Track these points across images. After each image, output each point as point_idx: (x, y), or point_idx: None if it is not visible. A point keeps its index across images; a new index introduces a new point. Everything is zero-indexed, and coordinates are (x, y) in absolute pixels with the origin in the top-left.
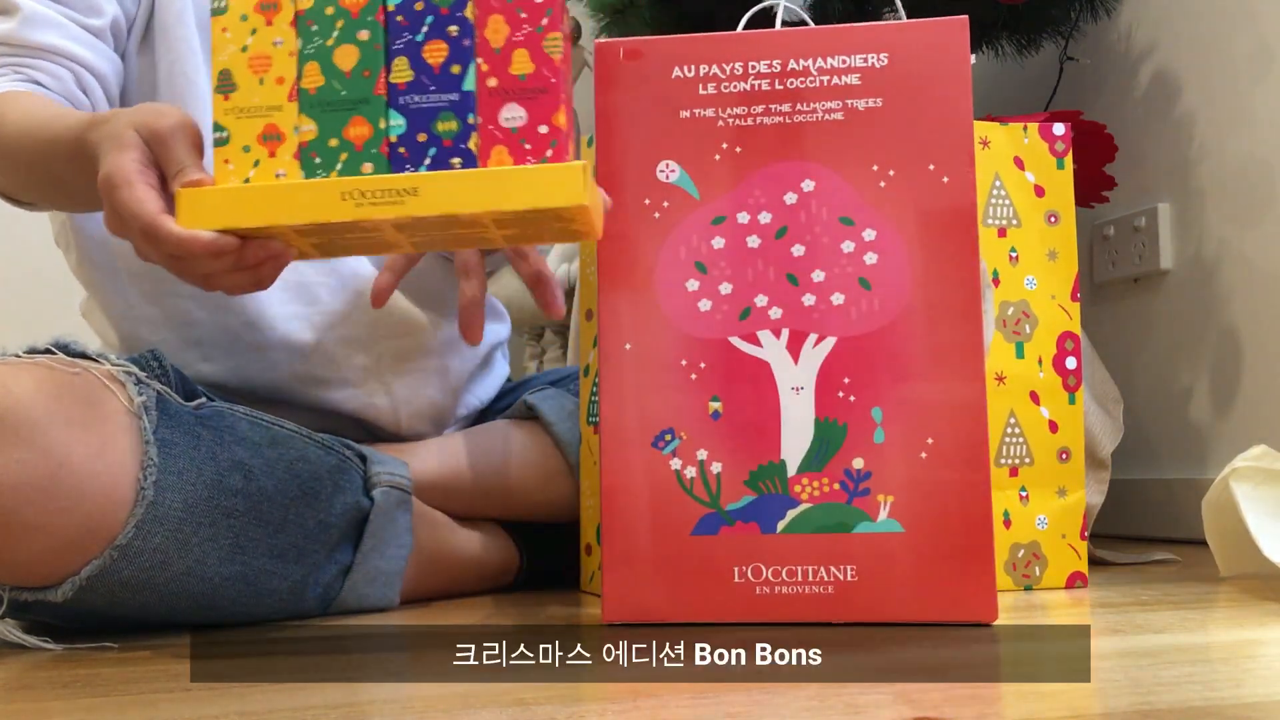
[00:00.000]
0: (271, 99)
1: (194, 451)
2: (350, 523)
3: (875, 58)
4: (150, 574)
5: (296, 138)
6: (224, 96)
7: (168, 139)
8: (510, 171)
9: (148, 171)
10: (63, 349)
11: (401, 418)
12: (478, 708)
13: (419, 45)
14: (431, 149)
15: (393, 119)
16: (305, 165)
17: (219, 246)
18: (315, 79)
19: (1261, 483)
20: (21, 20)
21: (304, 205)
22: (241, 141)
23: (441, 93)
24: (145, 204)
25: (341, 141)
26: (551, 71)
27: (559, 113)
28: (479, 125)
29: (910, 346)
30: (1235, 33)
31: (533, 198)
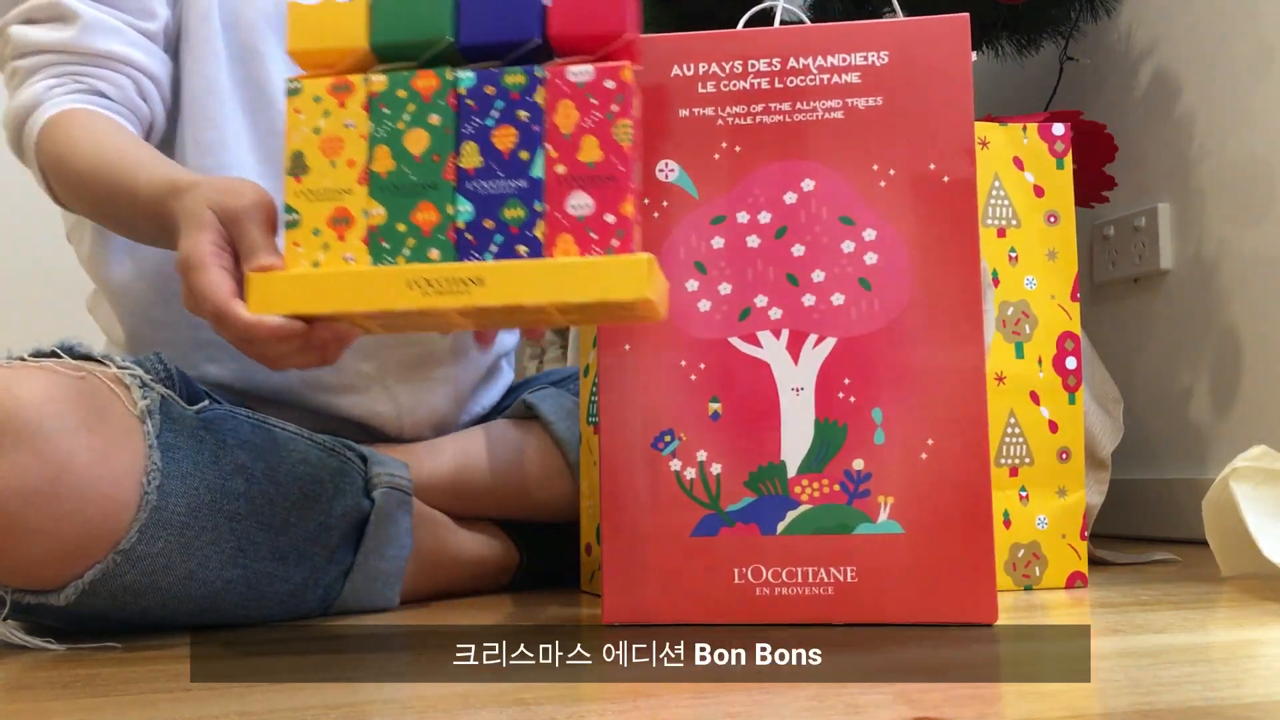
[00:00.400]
0: (342, 182)
1: (197, 455)
2: (351, 524)
3: (875, 56)
4: (153, 578)
5: (365, 222)
6: (296, 179)
7: (242, 219)
8: (576, 263)
9: (222, 254)
10: (68, 351)
11: (405, 424)
12: (478, 708)
13: (488, 130)
14: (498, 236)
15: (460, 205)
16: (373, 250)
17: (286, 331)
18: (386, 162)
19: (1261, 483)
20: (81, 28)
21: (371, 293)
22: (312, 225)
23: (510, 179)
24: (218, 289)
25: (409, 227)
26: (620, 159)
27: (626, 202)
28: (546, 213)
29: (910, 346)
30: (1235, 33)
31: (597, 290)
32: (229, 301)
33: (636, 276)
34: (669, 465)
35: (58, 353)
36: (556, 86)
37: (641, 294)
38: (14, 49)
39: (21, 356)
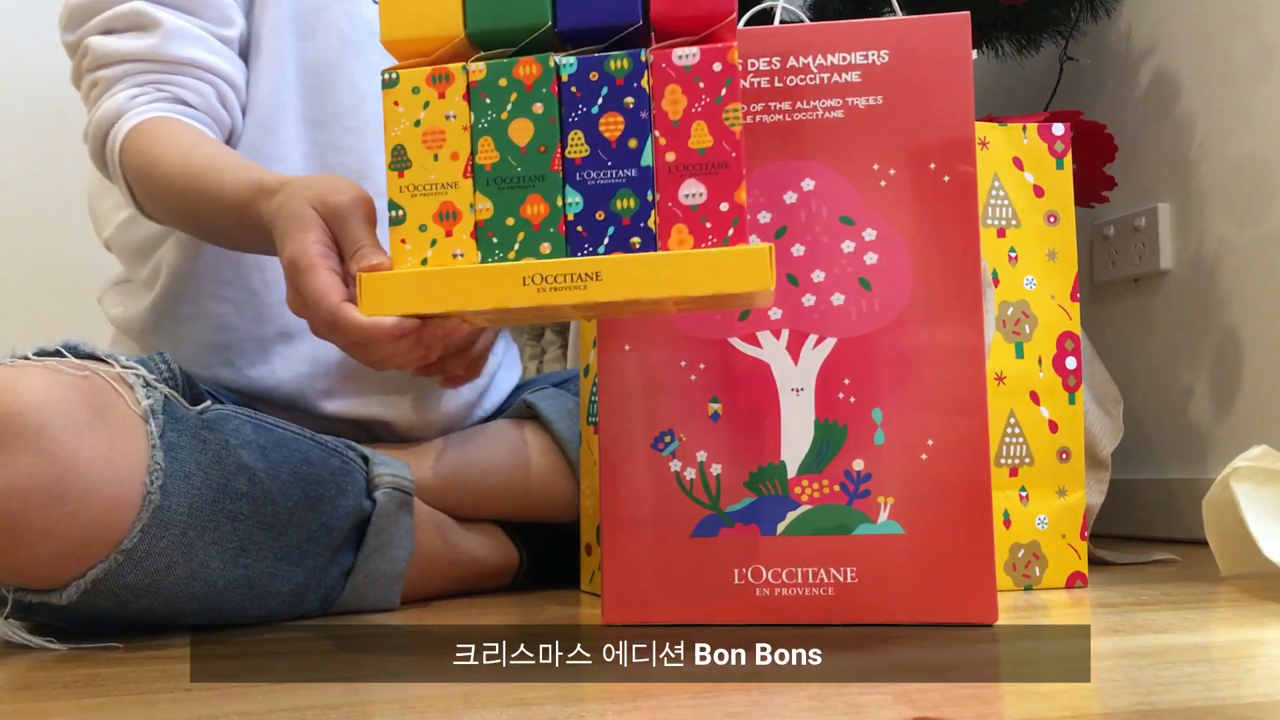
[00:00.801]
0: (446, 175)
1: (199, 455)
2: (353, 525)
3: (876, 55)
4: (155, 578)
5: (473, 216)
6: (399, 173)
7: (346, 217)
8: (695, 256)
9: (329, 255)
10: (71, 350)
11: (413, 427)
12: (478, 708)
13: (595, 118)
14: (610, 228)
15: (570, 196)
16: (482, 245)
17: (401, 331)
18: (490, 154)
19: (1262, 483)
20: (163, 35)
21: (485, 291)
22: (418, 220)
23: (619, 168)
24: (329, 293)
25: (518, 220)
26: (732, 145)
27: (740, 189)
28: (658, 202)
29: (910, 346)
30: (1235, 33)
31: (718, 283)
32: (341, 306)
33: (758, 267)
34: (669, 465)
35: (61, 351)
36: (662, 71)
37: (765, 285)
38: (93, 59)
39: (25, 355)
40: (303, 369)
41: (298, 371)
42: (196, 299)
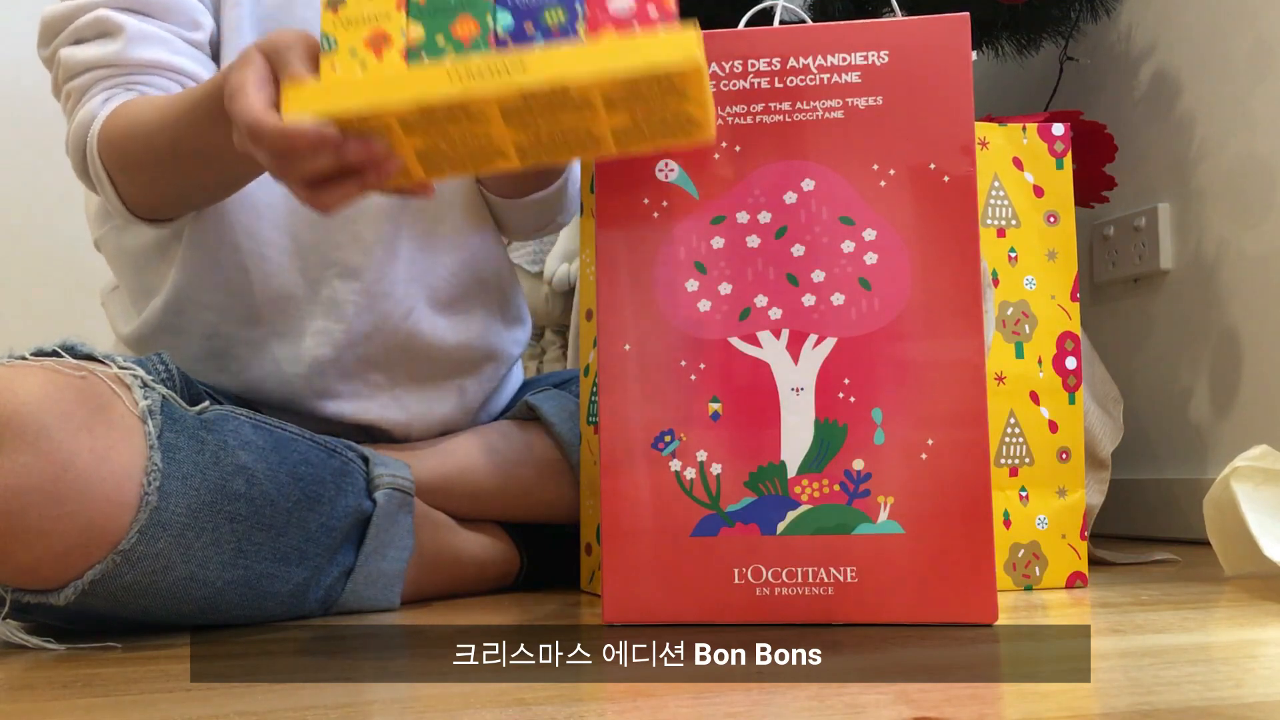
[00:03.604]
0: (380, 7)
1: (197, 456)
2: (352, 525)
3: (875, 55)
4: (153, 578)
5: (403, 40)
6: (333, 10)
7: (283, 50)
8: (620, 38)
9: (265, 83)
10: (69, 350)
11: (413, 430)
12: (478, 708)
13: None
14: (539, 37)
15: (500, 15)
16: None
17: (319, 136)
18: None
19: (1262, 483)
20: (127, 40)
21: (409, 87)
22: (348, 46)
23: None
24: (254, 104)
25: (448, 39)
26: None
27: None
28: (587, 13)
29: (910, 346)
30: (1235, 33)
31: (645, 58)
32: (263, 112)
33: (685, 43)
34: (669, 465)
35: (59, 352)
36: None
37: (692, 56)
38: (65, 71)
39: (23, 355)
40: (299, 369)
41: (294, 371)
42: (184, 310)
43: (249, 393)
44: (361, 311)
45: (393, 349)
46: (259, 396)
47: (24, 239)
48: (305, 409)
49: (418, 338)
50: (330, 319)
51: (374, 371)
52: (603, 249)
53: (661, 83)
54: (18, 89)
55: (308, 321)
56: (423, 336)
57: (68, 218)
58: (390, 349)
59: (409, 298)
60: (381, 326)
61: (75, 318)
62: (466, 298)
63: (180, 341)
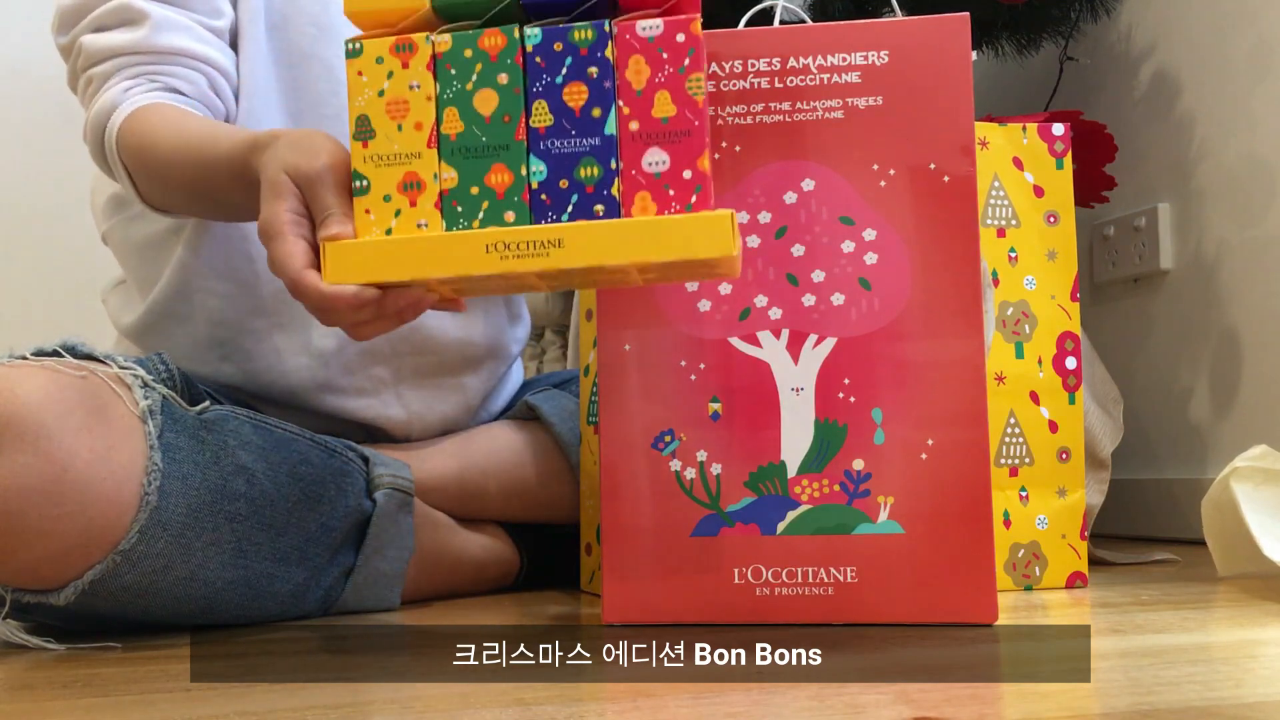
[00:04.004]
0: (410, 146)
1: (198, 456)
2: (353, 525)
3: (875, 55)
4: (153, 578)
5: (437, 185)
6: (362, 143)
7: (315, 184)
8: (657, 222)
9: (300, 222)
10: (70, 350)
11: (413, 429)
12: (478, 708)
13: (559, 88)
14: (574, 195)
15: (534, 165)
16: (447, 214)
17: (361, 300)
18: (455, 124)
19: (1261, 483)
20: (152, 27)
21: (448, 259)
22: (382, 191)
23: (583, 136)
24: (293, 259)
25: (483, 189)
26: (695, 114)
27: (703, 157)
28: (621, 170)
29: (910, 346)
30: (1235, 33)
31: (681, 249)
32: (303, 273)
33: (721, 233)
34: (669, 465)
35: (60, 352)
36: (626, 42)
37: (726, 250)
38: (86, 58)
39: (23, 355)
40: (303, 360)
41: (297, 363)
42: (190, 296)
43: (252, 384)
44: None
45: (395, 342)
46: (262, 388)
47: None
48: (308, 403)
49: (420, 331)
50: None
51: (377, 365)
52: None
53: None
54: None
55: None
56: (425, 330)
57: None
58: (393, 342)
59: None
60: None
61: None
62: None
63: (185, 329)
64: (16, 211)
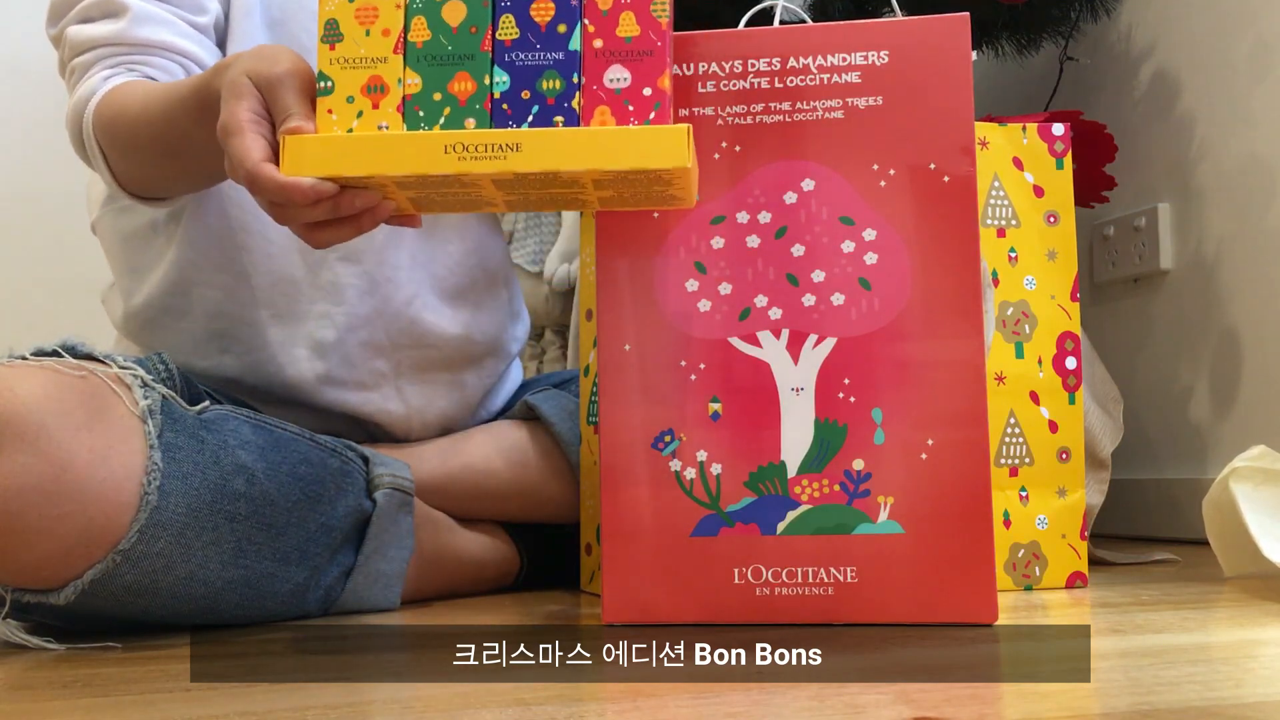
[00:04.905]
0: (377, 50)
1: (197, 456)
2: (353, 525)
3: (875, 55)
4: (153, 578)
5: (401, 90)
6: (330, 46)
7: (276, 86)
8: (614, 131)
9: (260, 121)
10: (70, 350)
11: (413, 425)
12: (478, 708)
13: (526, 3)
14: (534, 107)
15: (497, 75)
16: (409, 118)
17: (317, 192)
18: (422, 33)
19: (1261, 483)
20: (131, 19)
21: (406, 156)
22: (346, 92)
23: (547, 51)
24: (251, 152)
25: (445, 96)
26: (658, 35)
27: (663, 76)
28: (583, 85)
29: (910, 346)
30: (1235, 33)
31: (636, 158)
32: (260, 165)
33: (676, 144)
34: (669, 465)
35: (59, 352)
36: None
37: (680, 161)
38: (71, 48)
39: (23, 355)
40: (301, 351)
41: (296, 354)
42: (188, 291)
43: (252, 376)
44: (363, 295)
45: (395, 335)
46: (262, 381)
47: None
48: (309, 398)
49: (420, 325)
50: (330, 302)
51: (376, 359)
52: (603, 249)
53: (649, 174)
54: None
55: (309, 305)
56: (425, 324)
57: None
58: (392, 335)
59: (412, 283)
60: (383, 311)
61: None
62: (473, 288)
63: (184, 324)
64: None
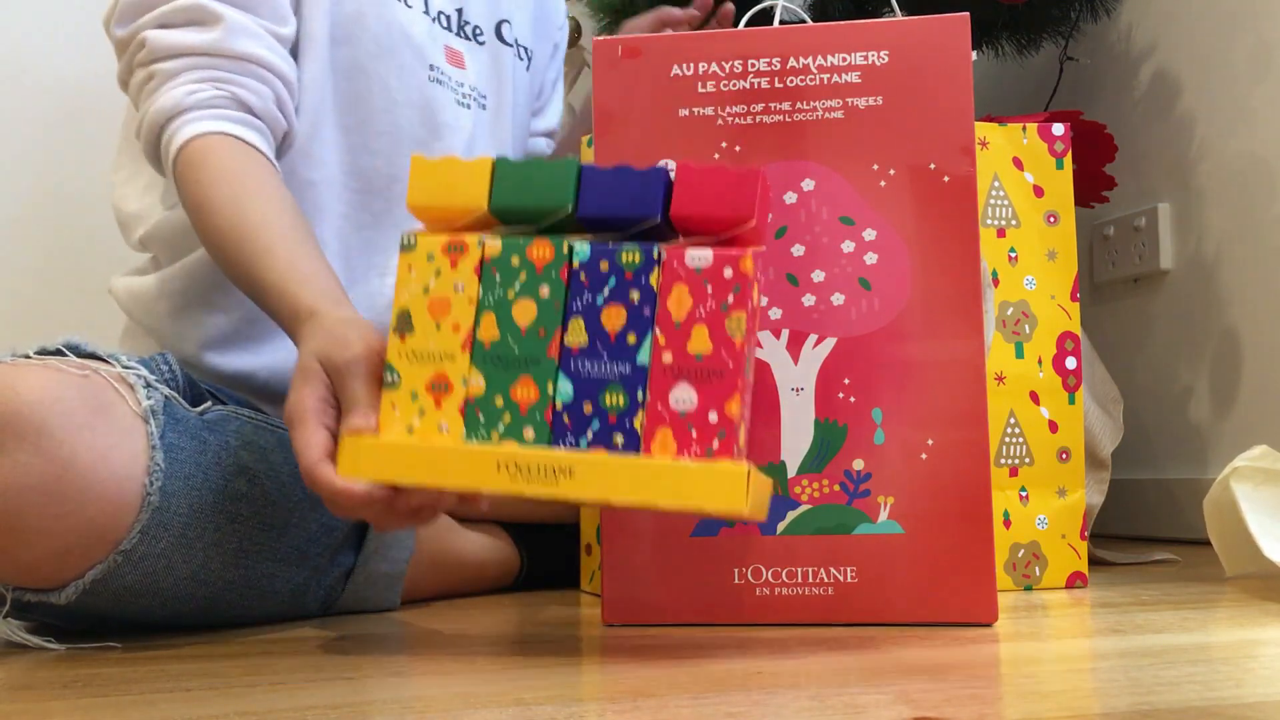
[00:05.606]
0: (446, 346)
1: (199, 456)
2: (353, 526)
3: (876, 55)
4: (154, 578)
5: (464, 390)
6: (400, 337)
7: (345, 374)
8: (670, 468)
9: (325, 410)
10: (73, 349)
11: None
12: (478, 708)
13: (598, 309)
14: (595, 422)
15: (561, 384)
16: (469, 421)
17: (371, 499)
18: (491, 331)
19: (1262, 483)
20: (226, 30)
21: (459, 471)
22: (410, 387)
23: (614, 361)
24: (310, 449)
25: (507, 402)
26: (731, 355)
27: (732, 400)
28: (647, 403)
29: (910, 346)
30: (1235, 33)
31: (689, 499)
32: (318, 464)
33: (732, 490)
34: None
35: (62, 351)
36: (673, 269)
37: (736, 507)
38: (149, 53)
39: (26, 354)
40: None
41: None
42: (233, 290)
43: (266, 374)
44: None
45: None
46: (275, 379)
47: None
48: None
49: None
50: (364, 312)
51: None
52: None
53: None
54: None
55: None
56: None
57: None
58: None
59: None
60: None
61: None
62: None
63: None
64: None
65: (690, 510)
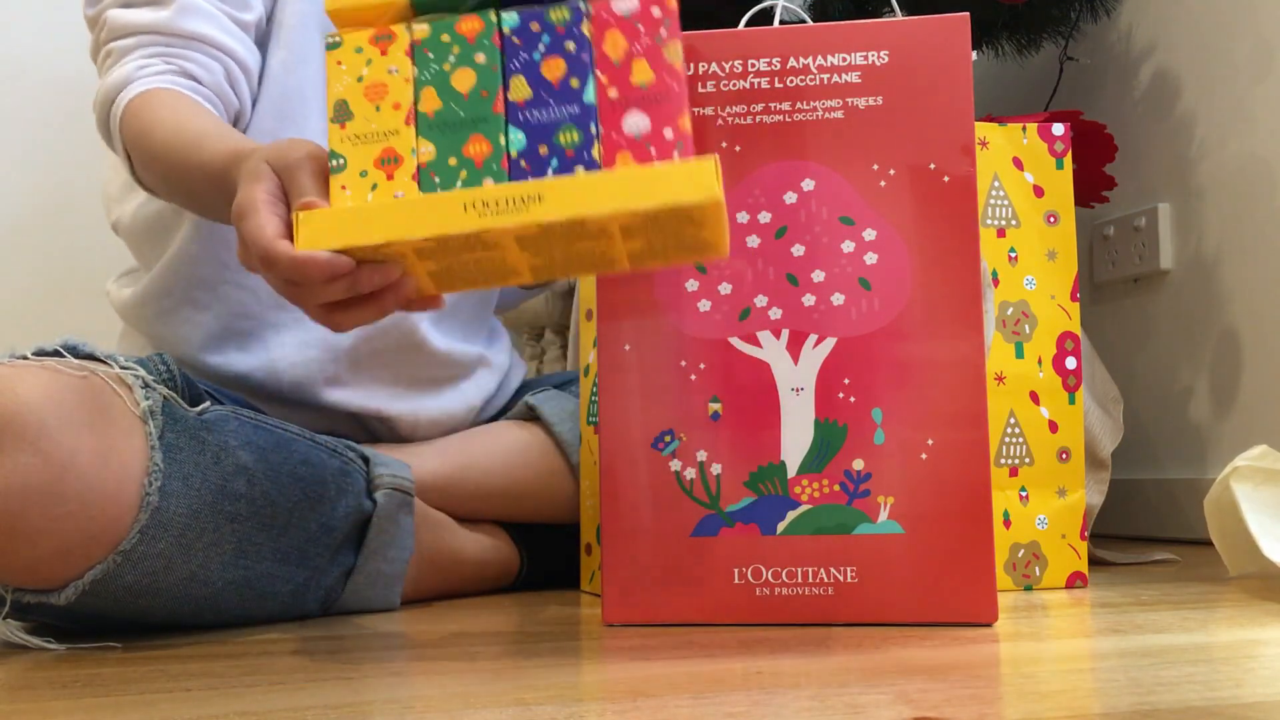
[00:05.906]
0: (388, 124)
1: (198, 456)
2: (353, 525)
3: (875, 55)
4: (153, 579)
5: (414, 159)
6: (340, 125)
7: (294, 168)
8: (639, 171)
9: (276, 203)
10: (71, 350)
11: (420, 424)
12: (478, 708)
13: (536, 64)
14: (553, 160)
15: (513, 134)
16: (424, 185)
17: (333, 267)
18: (433, 103)
19: (1262, 483)
20: (177, 9)
21: (425, 219)
22: (359, 167)
23: (562, 105)
24: (265, 229)
25: (461, 159)
26: (674, 78)
27: (683, 117)
28: (602, 134)
29: (910, 346)
30: (1235, 33)
31: (664, 194)
32: (275, 241)
33: (704, 176)
34: (669, 465)
35: (61, 352)
36: (602, 19)
37: (711, 192)
38: (109, 32)
39: (24, 355)
40: (313, 353)
41: (308, 355)
42: (215, 285)
43: (260, 374)
44: None
45: (402, 344)
46: (269, 379)
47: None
48: (310, 395)
49: (412, 338)
50: None
51: (383, 363)
52: None
53: (679, 214)
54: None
55: None
56: (420, 335)
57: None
58: (401, 344)
59: None
60: (399, 322)
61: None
62: (463, 306)
63: (201, 318)
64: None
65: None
